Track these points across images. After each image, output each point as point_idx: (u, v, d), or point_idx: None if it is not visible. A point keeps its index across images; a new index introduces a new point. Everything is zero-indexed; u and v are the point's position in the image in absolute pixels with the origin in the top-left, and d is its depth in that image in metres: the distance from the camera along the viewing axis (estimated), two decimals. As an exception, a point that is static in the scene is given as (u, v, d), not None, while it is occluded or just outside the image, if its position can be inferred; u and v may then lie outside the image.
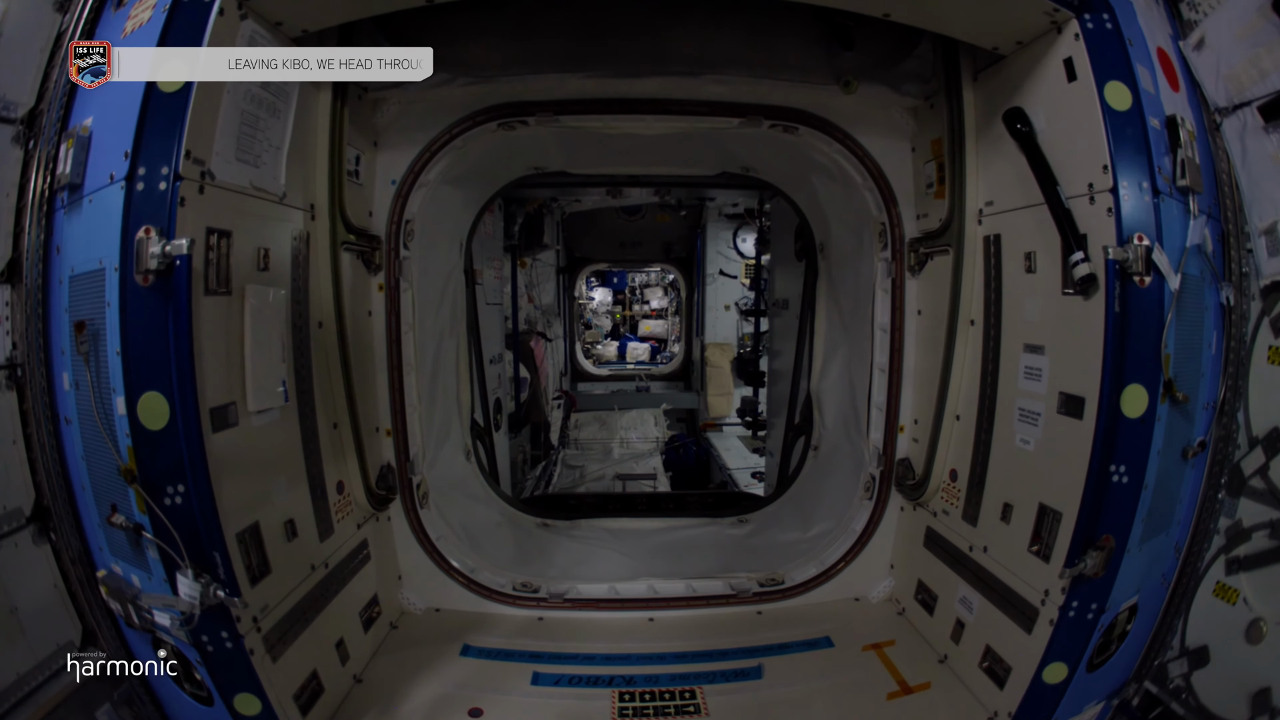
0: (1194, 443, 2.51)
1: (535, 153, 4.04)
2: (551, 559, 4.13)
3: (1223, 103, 2.50)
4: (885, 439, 3.71)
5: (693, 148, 3.98)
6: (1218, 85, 2.50)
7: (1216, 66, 2.48)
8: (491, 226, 5.40)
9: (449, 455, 4.15)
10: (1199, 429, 2.53)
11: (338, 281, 3.01)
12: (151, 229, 2.01)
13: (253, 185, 2.43)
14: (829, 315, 4.34)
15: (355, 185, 3.28)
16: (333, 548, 2.95)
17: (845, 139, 3.53)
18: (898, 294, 3.57)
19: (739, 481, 7.70)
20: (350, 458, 3.15)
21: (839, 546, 3.91)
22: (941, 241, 3.24)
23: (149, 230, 2.00)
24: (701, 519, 4.61)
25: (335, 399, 3.06)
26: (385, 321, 3.42)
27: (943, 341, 3.17)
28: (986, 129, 2.91)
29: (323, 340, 2.95)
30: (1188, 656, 2.63)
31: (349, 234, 3.13)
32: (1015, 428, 2.76)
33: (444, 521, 3.85)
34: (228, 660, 2.26)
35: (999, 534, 2.81)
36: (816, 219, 4.34)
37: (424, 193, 3.49)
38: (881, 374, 3.69)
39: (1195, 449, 2.52)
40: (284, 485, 2.62)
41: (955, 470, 3.20)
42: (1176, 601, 2.66)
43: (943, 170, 3.24)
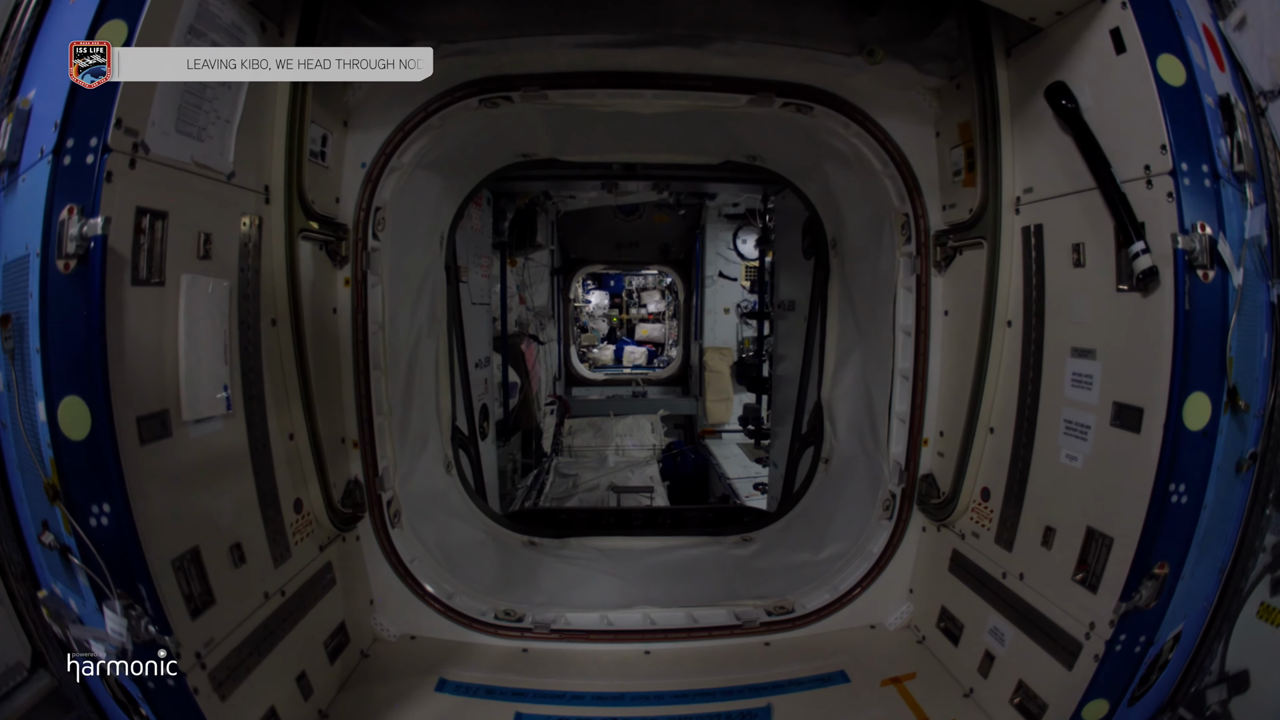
0: (1246, 455, 2.26)
1: (522, 137, 3.70)
2: (538, 582, 3.78)
3: (1268, 86, 2.26)
4: (908, 453, 3.39)
5: (695, 132, 3.64)
6: (1262, 68, 2.27)
7: (1260, 48, 2.27)
8: (479, 221, 5.05)
9: (426, 468, 3.80)
10: (1250, 440, 2.28)
11: (294, 273, 2.67)
12: (75, 208, 1.76)
13: (195, 161, 2.15)
14: (842, 317, 4.01)
15: (320, 168, 2.96)
16: (290, 573, 2.67)
17: (865, 121, 3.21)
18: (923, 292, 3.26)
19: (740, 492, 7.37)
20: (309, 472, 2.83)
21: (854, 570, 3.60)
22: (973, 234, 2.96)
23: (71, 210, 1.76)
24: (702, 538, 4.26)
25: (291, 407, 2.74)
26: (351, 320, 3.07)
27: (975, 345, 2.88)
28: (1022, 109, 2.65)
29: (277, 340, 2.64)
30: (1227, 682, 2.45)
31: (309, 221, 2.81)
32: (1060, 442, 2.50)
33: (419, 542, 3.51)
34: (170, 699, 2.02)
35: (1038, 560, 2.56)
36: (829, 212, 4.00)
37: (397, 178, 3.15)
38: (904, 381, 3.36)
39: (1247, 462, 2.26)
40: (229, 504, 2.34)
41: (987, 489, 2.92)
42: (1218, 624, 2.43)
43: (972, 156, 2.96)
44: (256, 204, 2.52)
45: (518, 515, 4.92)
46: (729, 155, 3.98)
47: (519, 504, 6.76)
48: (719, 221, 10.07)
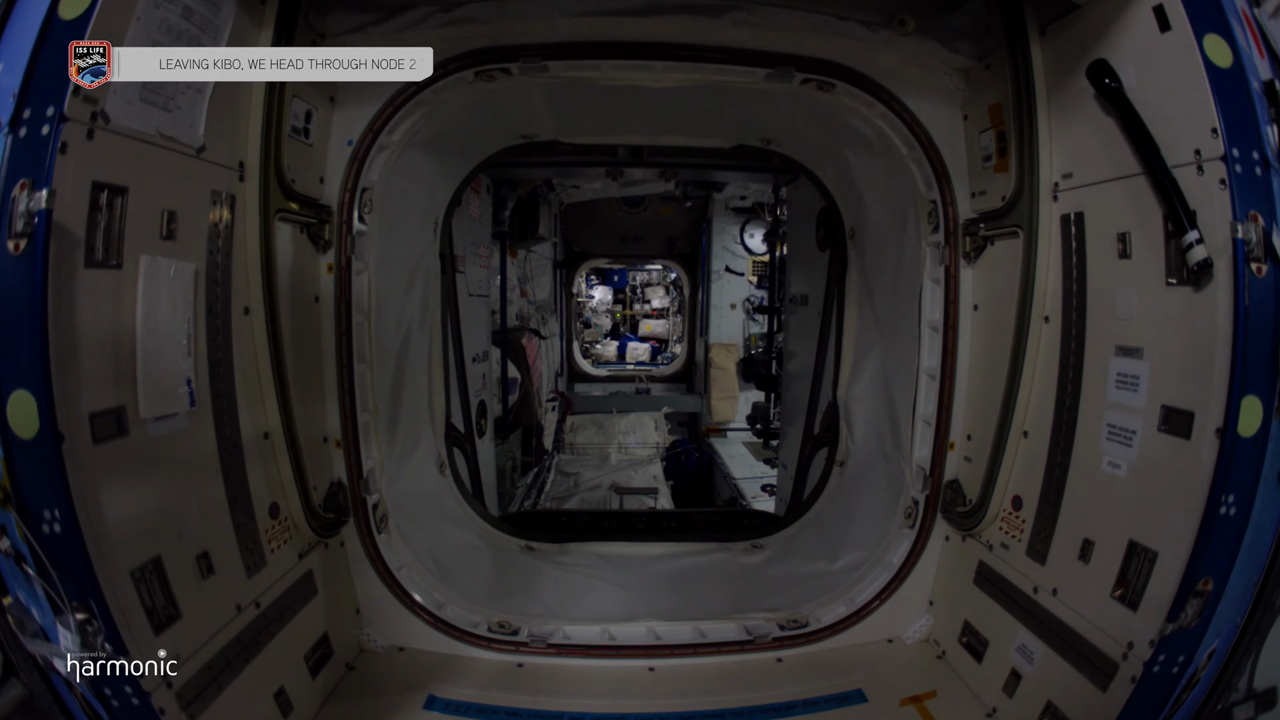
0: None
1: (522, 116, 3.46)
2: (535, 591, 3.56)
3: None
4: (933, 458, 3.17)
5: (707, 112, 3.40)
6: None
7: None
8: (478, 209, 4.82)
9: (417, 468, 3.58)
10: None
11: (269, 257, 2.48)
12: (27, 184, 1.62)
13: (160, 133, 1.99)
14: (860, 312, 3.78)
15: (303, 146, 2.75)
16: (265, 583, 2.49)
17: (890, 100, 2.98)
18: (951, 284, 3.03)
19: (746, 493, 7.16)
20: (286, 475, 2.64)
21: (873, 582, 3.39)
22: (1007, 222, 2.75)
23: (24, 186, 1.62)
24: (709, 544, 4.04)
25: (266, 403, 2.55)
26: (335, 309, 2.85)
27: (1008, 342, 2.70)
28: (1059, 89, 2.50)
29: (250, 330, 2.45)
30: (1255, 700, 2.31)
31: (288, 201, 2.61)
32: (1102, 448, 2.34)
33: (407, 548, 3.30)
34: (135, 719, 1.88)
35: (1074, 575, 2.42)
36: (848, 200, 3.77)
37: (386, 157, 2.93)
38: (931, 380, 3.14)
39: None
40: (195, 510, 2.17)
41: (1019, 497, 2.74)
42: (1247, 640, 2.27)
43: (1004, 140, 2.76)
44: (229, 181, 2.34)
45: (515, 518, 4.70)
46: (742, 139, 3.74)
47: (518, 504, 6.56)
48: (726, 215, 9.84)
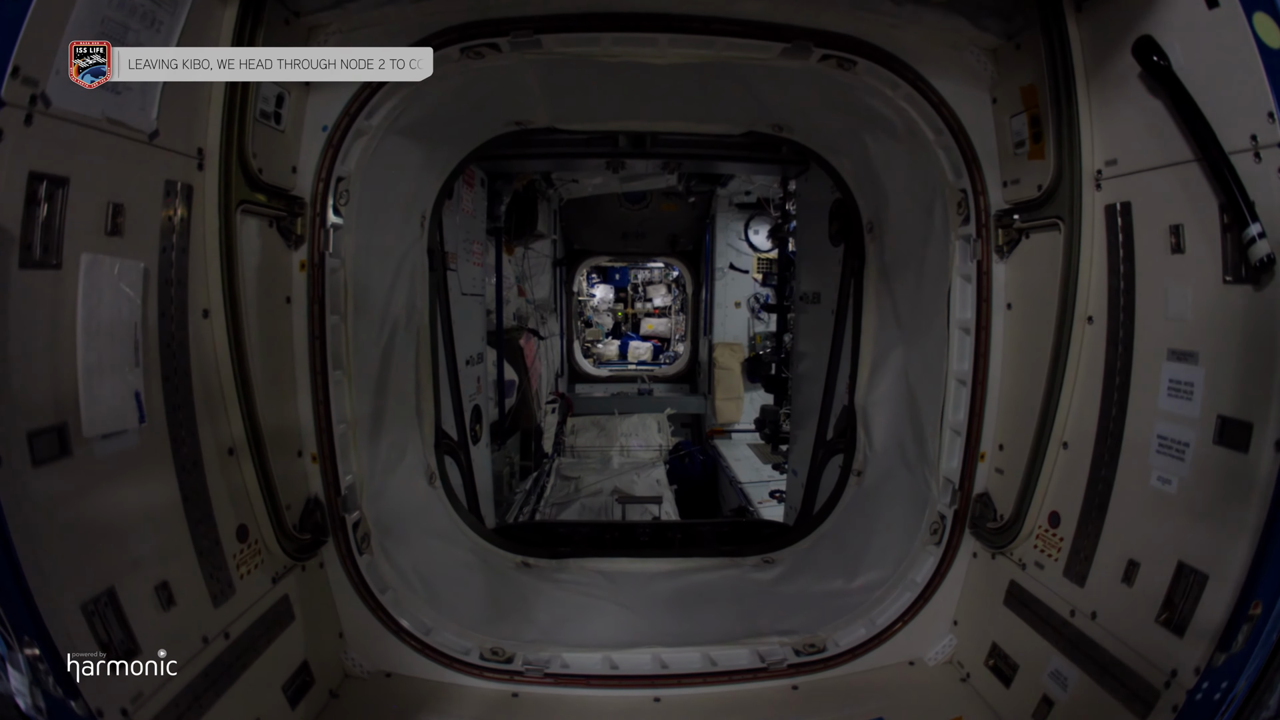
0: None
1: (514, 99, 3.20)
2: (532, 613, 3.32)
3: None
4: (963, 470, 2.92)
5: (715, 94, 3.15)
6: None
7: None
8: (471, 204, 4.57)
9: (404, 481, 3.34)
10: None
11: (230, 254, 2.25)
12: None
13: (107, 117, 1.81)
14: (879, 311, 3.53)
15: (273, 131, 2.51)
16: (235, 612, 2.30)
17: (916, 80, 2.73)
18: (984, 281, 2.79)
19: (753, 498, 6.92)
20: (255, 494, 2.43)
21: (895, 602, 3.16)
22: (1045, 213, 2.53)
23: None
24: (718, 559, 3.80)
25: (230, 416, 2.33)
26: (307, 310, 2.60)
27: (1047, 345, 2.50)
28: (1099, 69, 2.31)
29: (210, 335, 2.24)
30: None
31: (254, 192, 2.37)
32: (1151, 461, 2.16)
33: (392, 569, 3.06)
34: (97, 764, 1.71)
35: (1116, 597, 2.26)
36: (866, 191, 3.51)
37: (365, 143, 2.68)
38: (961, 386, 2.90)
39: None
40: (151, 535, 1.99)
41: (1057, 513, 2.54)
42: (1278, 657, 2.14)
43: (1038, 124, 2.54)
44: (186, 170, 2.12)
45: (511, 530, 4.46)
46: (752, 125, 3.48)
47: (516, 510, 6.33)
48: (730, 211, 9.61)
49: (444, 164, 3.47)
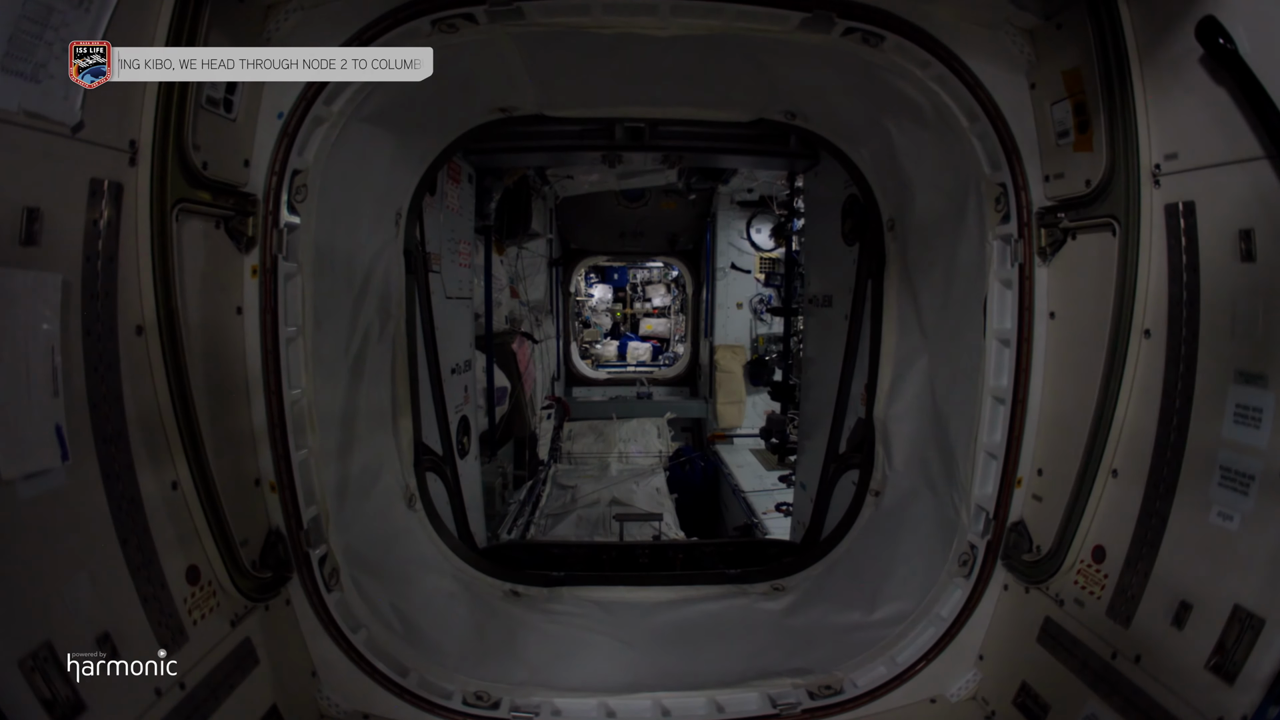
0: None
1: (496, 82, 2.88)
2: (521, 650, 3.03)
3: None
4: (998, 497, 2.64)
5: (722, 75, 2.84)
6: None
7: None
8: (458, 200, 4.26)
9: (379, 506, 3.05)
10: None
11: (166, 261, 1.97)
12: None
13: (24, 110, 1.62)
14: (901, 316, 3.24)
15: (222, 120, 2.22)
16: (190, 659, 2.10)
17: (950, 59, 2.44)
18: (1026, 287, 2.50)
19: (757, 508, 6.62)
20: (204, 531, 2.16)
21: (919, 638, 2.88)
22: (1097, 211, 2.27)
23: None
24: (723, 587, 3.50)
25: (171, 446, 2.06)
26: (259, 322, 2.30)
27: (1096, 361, 2.27)
28: (1153, 52, 2.09)
29: (145, 355, 1.97)
30: None
31: (195, 189, 2.08)
32: (1212, 495, 1.97)
33: (366, 605, 2.77)
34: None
35: (1164, 641, 2.08)
36: (888, 185, 3.21)
37: (326, 133, 2.38)
38: (998, 404, 2.61)
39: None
40: (87, 583, 1.81)
41: (1102, 547, 2.31)
42: None
43: (1084, 112, 2.30)
44: (115, 166, 1.87)
45: (501, 552, 4.15)
46: (762, 111, 3.17)
47: (510, 523, 6.03)
48: (731, 209, 9.32)
49: (421, 156, 3.16)
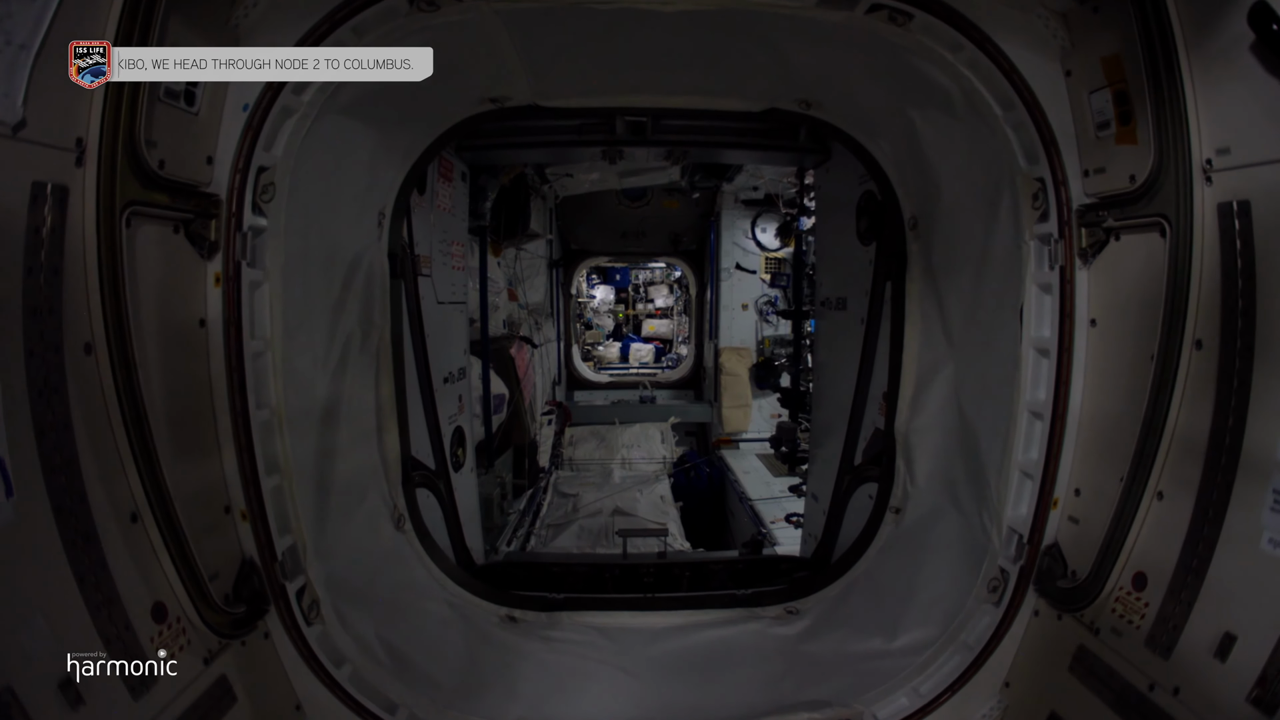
0: None
1: (485, 68, 2.66)
2: (517, 683, 2.84)
3: None
4: (1034, 520, 2.44)
5: (733, 59, 2.62)
6: None
7: None
8: (450, 199, 4.04)
9: (364, 529, 2.85)
10: None
11: (116, 270, 1.79)
12: None
13: None
14: (925, 321, 3.02)
15: (183, 113, 2.02)
16: (160, 702, 1.96)
17: (984, 42, 2.24)
18: (1067, 292, 2.28)
19: (765, 517, 6.39)
20: (168, 564, 1.99)
21: (944, 668, 2.70)
22: (1145, 210, 2.07)
23: None
24: (733, 611, 3.28)
25: (128, 474, 1.89)
26: (223, 335, 2.09)
27: (1142, 373, 2.10)
28: (1201, 38, 1.93)
29: (96, 375, 1.80)
30: None
31: (150, 190, 1.89)
32: (1265, 521, 1.84)
33: (351, 638, 2.58)
34: None
35: (1205, 673, 1.96)
36: (911, 179, 3.00)
37: (296, 125, 2.17)
38: (1035, 420, 2.41)
39: None
40: (43, 627, 1.68)
41: (1143, 574, 2.16)
42: None
43: (1126, 101, 2.13)
44: (60, 168, 1.71)
45: (498, 570, 3.93)
46: (775, 100, 2.94)
47: (509, 534, 5.82)
48: (735, 208, 9.07)
49: (406, 151, 2.94)
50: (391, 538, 3.04)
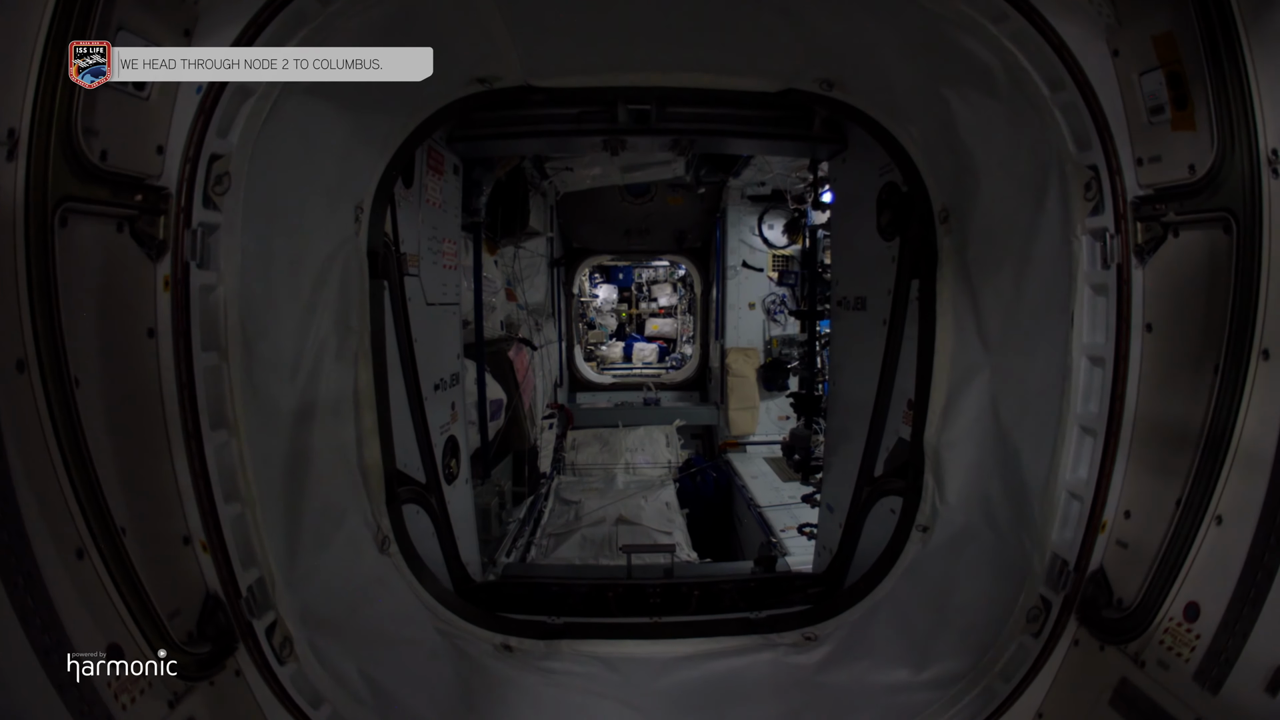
0: None
1: (470, 42, 2.40)
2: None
3: None
4: (1081, 545, 2.22)
5: (748, 30, 2.36)
6: None
7: None
8: (440, 194, 3.79)
9: (343, 554, 2.61)
10: None
11: (45, 277, 1.58)
12: None
13: None
14: (959, 323, 2.76)
15: (130, 99, 1.80)
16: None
17: (1030, 12, 2.01)
18: (1124, 293, 2.04)
19: (775, 525, 6.15)
20: (118, 602, 1.79)
21: (976, 705, 2.48)
22: (1205, 203, 1.89)
23: None
24: (747, 638, 3.04)
25: (69, 505, 1.69)
26: (173, 346, 1.85)
27: (1203, 385, 1.93)
28: (1261, 17, 1.76)
29: (30, 395, 1.61)
30: None
31: (88, 184, 1.67)
32: None
33: (329, 675, 2.35)
34: None
35: (1254, 708, 1.83)
36: (944, 167, 2.73)
37: (255, 107, 1.92)
38: (1085, 436, 2.16)
39: None
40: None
41: (1196, 604, 1.99)
42: None
43: (1180, 85, 1.93)
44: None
45: (492, 591, 3.69)
46: (793, 79, 2.68)
47: (509, 545, 5.59)
48: (742, 204, 8.81)
49: (386, 137, 2.68)
50: (375, 562, 2.81)
